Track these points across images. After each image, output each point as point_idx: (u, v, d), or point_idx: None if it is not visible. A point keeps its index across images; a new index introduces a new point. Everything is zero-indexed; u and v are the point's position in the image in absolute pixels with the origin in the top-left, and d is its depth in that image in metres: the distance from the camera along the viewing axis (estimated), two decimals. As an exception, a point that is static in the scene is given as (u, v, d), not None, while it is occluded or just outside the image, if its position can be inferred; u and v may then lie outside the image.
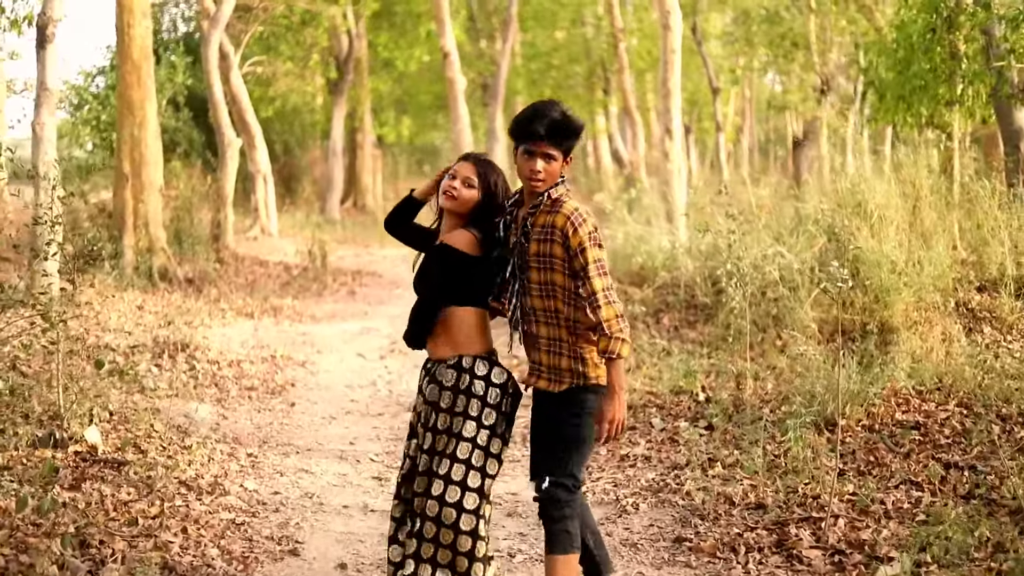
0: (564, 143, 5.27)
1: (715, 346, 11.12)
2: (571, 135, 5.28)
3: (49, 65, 13.97)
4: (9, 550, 5.85)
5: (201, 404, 9.99)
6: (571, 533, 5.25)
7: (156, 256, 17.64)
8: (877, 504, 6.91)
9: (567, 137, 5.27)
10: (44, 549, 5.79)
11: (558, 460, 5.27)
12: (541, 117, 5.23)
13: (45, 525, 6.25)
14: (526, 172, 5.26)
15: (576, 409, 5.26)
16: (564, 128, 5.25)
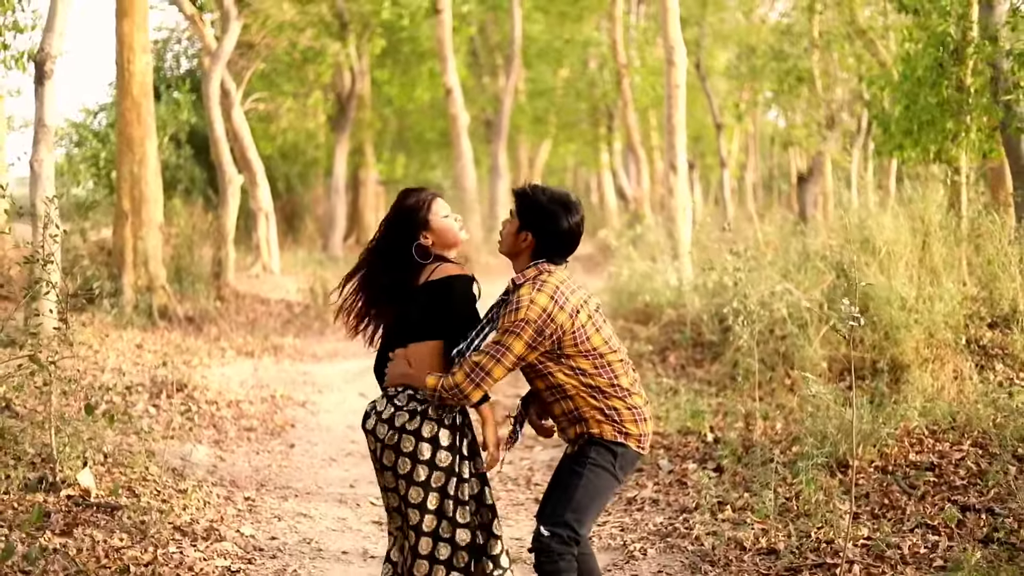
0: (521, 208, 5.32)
1: (723, 385, 10.95)
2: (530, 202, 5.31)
3: (47, 102, 13.85)
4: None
5: (198, 446, 9.78)
6: None
7: (156, 294, 17.49)
8: (893, 549, 6.70)
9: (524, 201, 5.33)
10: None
11: (555, 508, 5.21)
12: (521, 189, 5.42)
13: (34, 573, 6.06)
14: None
15: (581, 460, 5.22)
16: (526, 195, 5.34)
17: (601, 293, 16.15)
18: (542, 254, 5.25)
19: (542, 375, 5.20)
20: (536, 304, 5.08)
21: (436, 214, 5.38)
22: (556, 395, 5.23)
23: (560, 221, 5.24)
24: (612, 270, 17.32)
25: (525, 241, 5.26)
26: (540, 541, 5.16)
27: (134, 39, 18.10)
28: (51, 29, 13.95)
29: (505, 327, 5.07)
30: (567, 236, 5.28)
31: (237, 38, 22.58)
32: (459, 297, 5.27)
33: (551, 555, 5.13)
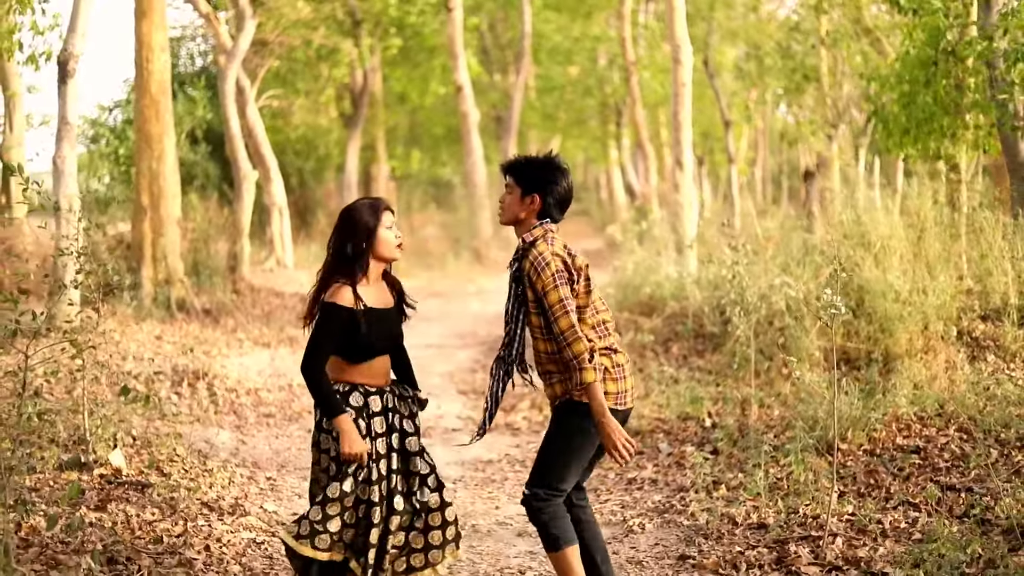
0: (520, 179, 5.77)
1: (723, 374, 11.36)
2: (529, 169, 5.78)
3: (70, 100, 14.32)
4: (40, 566, 6.11)
5: (221, 430, 10.27)
6: (553, 534, 5.66)
7: (174, 287, 17.91)
8: (875, 524, 7.14)
9: (524, 170, 5.79)
10: (73, 565, 6.03)
11: (537, 469, 5.75)
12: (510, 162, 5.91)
13: (74, 543, 6.52)
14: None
15: (558, 425, 5.71)
16: (522, 163, 5.82)
17: (606, 286, 16.58)
18: (545, 214, 5.73)
19: (542, 336, 5.65)
20: (556, 255, 5.57)
21: (383, 224, 5.82)
22: (551, 357, 5.66)
23: (561, 180, 5.76)
24: (617, 264, 17.73)
25: (532, 204, 5.72)
26: (524, 499, 5.74)
27: (152, 38, 18.50)
28: (74, 30, 14.41)
29: (548, 286, 5.50)
30: (567, 193, 5.81)
31: (252, 36, 23.00)
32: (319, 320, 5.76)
33: (533, 510, 5.68)
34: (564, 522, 5.69)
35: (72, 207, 12.10)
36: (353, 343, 5.65)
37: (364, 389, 5.73)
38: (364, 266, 5.75)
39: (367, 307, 5.68)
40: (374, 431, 5.69)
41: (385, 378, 5.85)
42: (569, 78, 38.30)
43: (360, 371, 5.75)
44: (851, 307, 11.23)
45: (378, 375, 5.80)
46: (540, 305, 5.58)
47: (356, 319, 5.62)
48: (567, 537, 5.67)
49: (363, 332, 5.64)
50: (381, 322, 5.74)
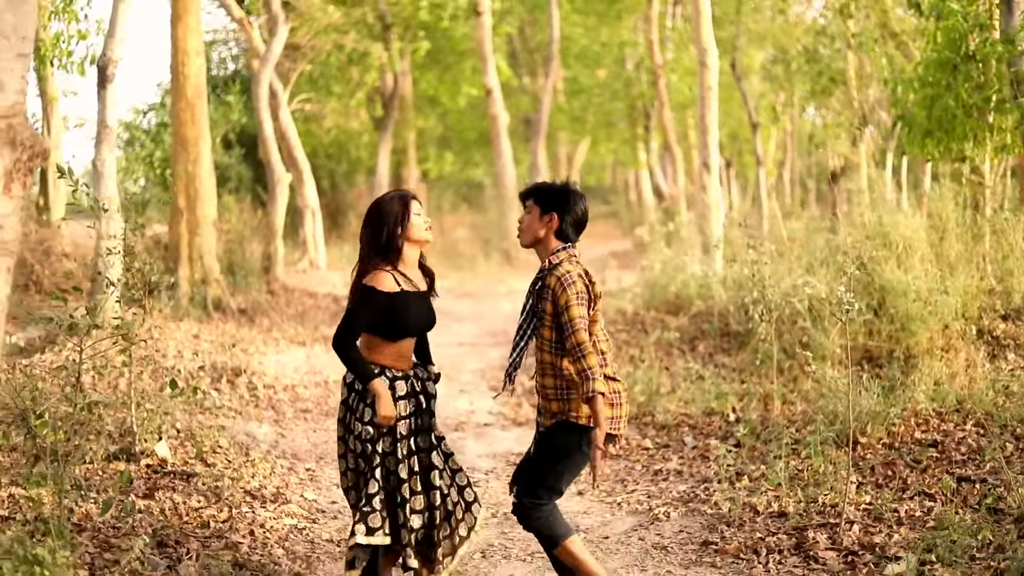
0: (539, 201, 6.16)
1: (748, 371, 11.62)
2: (547, 190, 6.19)
3: (109, 104, 14.68)
4: (94, 548, 6.44)
5: (261, 424, 10.62)
6: (546, 533, 6.06)
7: (210, 287, 18.26)
8: (891, 512, 7.42)
9: (542, 192, 6.19)
10: (126, 548, 6.35)
11: (530, 481, 6.11)
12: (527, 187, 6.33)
13: (125, 528, 6.85)
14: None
15: (553, 441, 6.08)
16: (540, 186, 6.23)
17: (634, 286, 16.87)
18: (562, 234, 6.09)
19: (551, 349, 6.02)
20: (580, 276, 5.94)
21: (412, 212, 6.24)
22: (555, 371, 6.02)
23: (578, 201, 6.13)
24: (644, 264, 18.00)
25: (550, 223, 6.08)
26: (514, 506, 6.16)
27: (188, 43, 18.87)
28: (113, 35, 14.77)
29: (571, 302, 5.85)
30: (583, 216, 6.17)
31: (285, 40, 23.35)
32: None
33: (524, 516, 6.10)
34: (556, 520, 6.08)
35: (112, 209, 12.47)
36: (391, 324, 6.06)
37: (391, 373, 6.11)
38: (399, 250, 6.13)
39: (404, 291, 6.07)
40: (399, 413, 6.06)
41: (409, 362, 6.25)
42: (597, 81, 38.50)
43: (389, 353, 6.15)
44: (873, 307, 11.50)
45: (404, 358, 6.20)
46: (556, 319, 5.94)
47: (394, 302, 6.02)
48: (563, 532, 6.06)
49: (400, 314, 6.05)
50: (416, 305, 6.14)
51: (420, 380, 6.26)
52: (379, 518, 5.95)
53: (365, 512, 5.95)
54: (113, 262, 10.32)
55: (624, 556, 7.27)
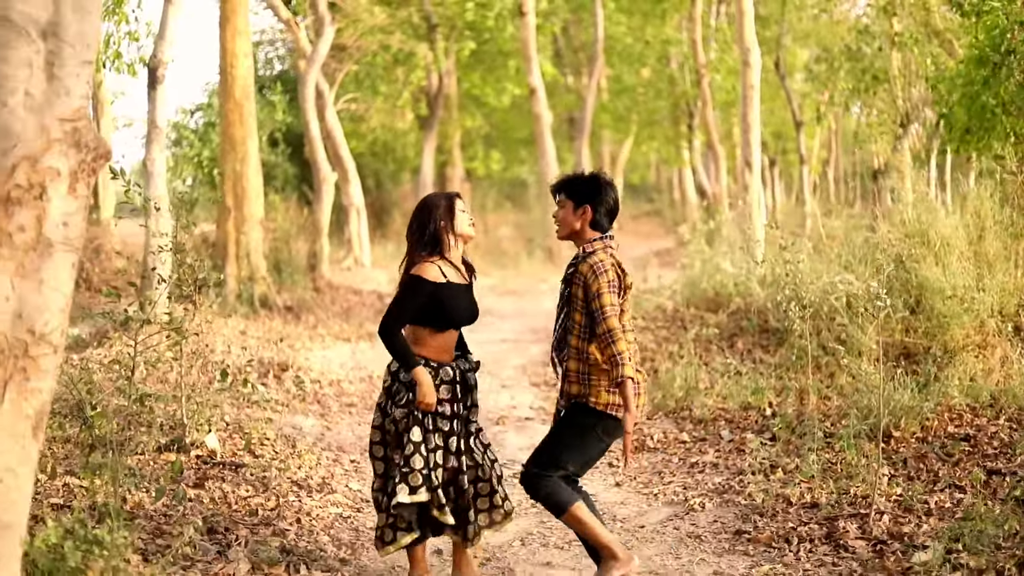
0: (571, 193, 6.42)
1: (785, 367, 11.78)
2: (579, 183, 6.45)
3: (159, 104, 14.99)
4: (147, 534, 6.70)
5: (307, 417, 10.89)
6: (555, 501, 6.29)
7: (257, 284, 18.57)
8: (920, 504, 7.60)
9: (573, 185, 6.45)
10: (177, 534, 6.60)
11: (539, 453, 6.40)
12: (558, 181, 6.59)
13: (176, 515, 7.11)
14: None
15: (571, 420, 6.32)
16: (571, 179, 6.50)
17: (674, 283, 17.05)
18: (597, 224, 6.35)
19: (579, 334, 6.27)
20: (613, 266, 6.21)
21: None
22: (580, 355, 6.27)
23: (609, 191, 6.39)
24: (685, 261, 18.18)
25: (584, 215, 6.34)
26: (522, 477, 6.42)
27: (236, 45, 19.19)
28: (163, 37, 15.09)
29: (603, 290, 6.11)
30: (615, 204, 6.42)
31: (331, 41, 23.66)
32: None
33: (530, 487, 6.34)
34: (561, 488, 6.29)
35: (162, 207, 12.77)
36: (437, 313, 6.33)
37: (433, 364, 6.39)
38: (446, 243, 6.43)
39: (449, 281, 6.36)
40: (440, 397, 6.36)
41: (450, 354, 6.52)
42: (641, 80, 38.65)
43: (434, 345, 6.44)
44: (910, 304, 11.63)
45: (445, 350, 6.49)
46: (587, 305, 6.19)
47: (440, 292, 6.31)
48: (568, 499, 6.27)
49: (447, 304, 6.33)
50: (460, 297, 6.42)
51: (460, 370, 6.52)
52: (419, 476, 6.24)
53: (405, 472, 6.25)
54: (165, 259, 10.60)
55: (659, 544, 7.47)
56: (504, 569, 6.98)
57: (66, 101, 4.11)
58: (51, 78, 4.08)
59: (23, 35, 4.04)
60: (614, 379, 6.02)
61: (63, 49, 4.10)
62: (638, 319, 15.56)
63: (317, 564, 6.78)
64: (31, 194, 4.01)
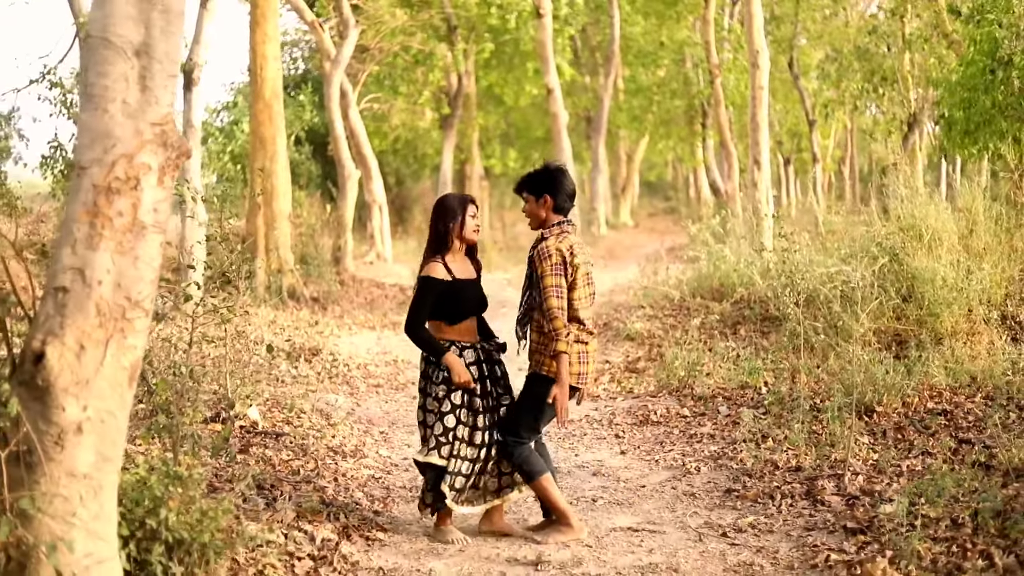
0: (532, 190, 7.37)
1: (782, 350, 12.59)
2: (535, 178, 7.40)
3: (195, 105, 15.87)
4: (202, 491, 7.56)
5: (338, 396, 11.78)
6: (527, 470, 7.26)
7: (285, 277, 19.43)
8: (893, 467, 8.43)
9: (531, 181, 7.41)
10: (229, 490, 7.46)
11: (510, 421, 7.34)
12: (518, 182, 7.55)
13: (226, 475, 7.98)
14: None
15: (531, 389, 7.28)
16: (527, 177, 7.47)
17: (681, 274, 17.90)
18: (559, 209, 7.30)
19: (539, 308, 7.21)
20: (559, 250, 7.13)
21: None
22: (539, 327, 7.23)
23: (562, 178, 7.34)
24: (691, 254, 18.98)
25: (546, 204, 7.30)
26: (500, 446, 7.30)
27: (266, 48, 20.07)
28: (198, 41, 16.00)
29: (546, 272, 7.07)
30: (572, 187, 7.37)
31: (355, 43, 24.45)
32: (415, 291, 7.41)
33: (509, 453, 7.27)
34: (534, 458, 7.29)
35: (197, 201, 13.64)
36: (450, 307, 7.26)
37: (460, 345, 7.26)
38: (451, 242, 7.33)
39: (456, 278, 7.25)
40: (472, 376, 7.22)
41: (473, 336, 7.43)
42: (657, 80, 39.33)
43: (454, 331, 7.34)
44: (902, 293, 12.43)
45: (468, 333, 7.39)
46: (537, 285, 7.16)
47: (450, 288, 7.22)
48: (540, 468, 7.27)
49: (457, 298, 7.24)
50: (467, 290, 7.32)
51: (486, 350, 7.41)
52: (448, 449, 7.19)
53: (441, 442, 7.19)
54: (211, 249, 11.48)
55: (657, 501, 8.33)
56: (520, 519, 7.85)
57: (156, 108, 4.98)
58: (143, 89, 4.95)
59: (121, 54, 4.91)
60: (549, 351, 7.05)
61: (153, 65, 4.97)
62: (646, 308, 16.43)
63: (354, 514, 7.67)
64: (128, 185, 4.88)
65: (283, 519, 7.06)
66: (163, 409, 7.96)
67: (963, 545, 6.57)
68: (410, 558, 6.98)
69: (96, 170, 4.85)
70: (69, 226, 4.86)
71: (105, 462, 4.93)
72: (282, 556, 6.42)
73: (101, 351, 4.83)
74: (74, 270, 4.82)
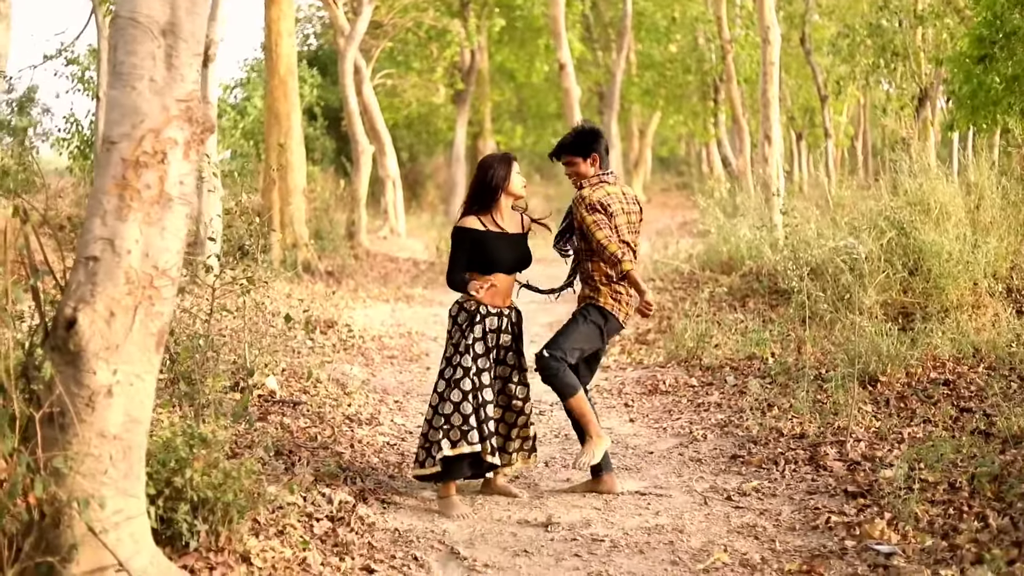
0: (577, 150, 7.76)
1: (789, 322, 12.79)
2: (579, 140, 7.78)
3: (211, 82, 16.05)
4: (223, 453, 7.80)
5: (353, 366, 12.02)
6: (566, 383, 7.52)
7: (300, 251, 19.65)
8: (895, 435, 8.65)
9: (576, 143, 7.77)
10: (249, 455, 7.69)
11: (555, 339, 7.67)
12: (559, 143, 7.89)
13: (245, 441, 8.22)
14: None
15: (582, 314, 7.71)
16: (570, 142, 7.80)
17: (691, 247, 18.12)
18: (603, 163, 7.70)
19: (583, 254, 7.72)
20: (593, 197, 7.59)
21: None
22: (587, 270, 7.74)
23: (600, 135, 7.78)
24: (701, 227, 19.18)
25: (594, 162, 7.70)
26: (542, 359, 7.56)
27: (281, 24, 20.24)
28: (214, 18, 16.17)
29: (585, 218, 7.55)
30: (608, 145, 7.77)
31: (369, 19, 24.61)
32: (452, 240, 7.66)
33: (550, 367, 7.52)
34: (570, 375, 7.56)
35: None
36: (480, 258, 7.49)
37: (485, 309, 7.53)
38: (497, 198, 7.58)
39: (489, 230, 7.50)
40: (490, 343, 7.51)
41: (506, 298, 7.66)
42: (670, 55, 39.35)
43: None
44: (909, 266, 12.60)
45: (499, 295, 7.59)
46: (582, 231, 7.62)
47: (481, 238, 7.45)
48: (576, 384, 7.56)
49: (486, 248, 7.48)
50: (501, 244, 7.51)
51: (510, 320, 7.65)
52: (458, 432, 7.32)
53: (446, 430, 7.37)
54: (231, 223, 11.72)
55: (664, 466, 8.57)
56: (530, 484, 8.09)
57: (182, 86, 5.20)
58: (170, 67, 5.17)
59: (148, 33, 5.13)
60: (618, 275, 7.46)
61: (179, 44, 5.18)
62: (656, 280, 16.64)
63: (370, 478, 7.93)
64: (155, 159, 5.10)
65: (302, 482, 7.29)
66: (184, 377, 8.21)
67: (959, 507, 6.80)
68: (424, 520, 7.24)
69: (125, 144, 5.07)
70: (99, 198, 5.08)
71: (134, 424, 5.16)
72: (301, 517, 6.67)
73: (130, 317, 5.06)
74: (104, 240, 5.04)
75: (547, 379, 7.57)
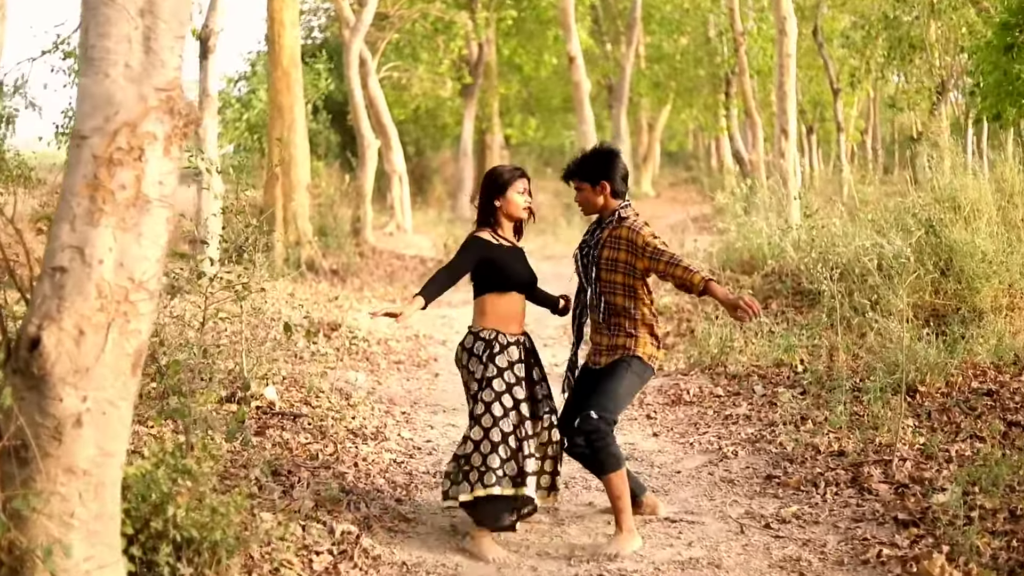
0: (585, 176, 6.95)
1: (817, 327, 12.19)
2: (588, 165, 6.97)
3: (211, 74, 15.48)
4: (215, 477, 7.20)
5: (358, 373, 11.40)
6: (615, 455, 6.67)
7: (304, 249, 19.09)
8: (942, 452, 8.03)
9: (584, 168, 6.97)
10: (244, 476, 7.10)
11: (606, 400, 6.74)
12: (568, 166, 7.09)
13: (241, 459, 7.61)
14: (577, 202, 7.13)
15: (626, 368, 6.80)
16: (579, 164, 7.01)
17: (711, 246, 17.47)
18: (616, 194, 6.90)
19: (623, 293, 6.82)
20: (640, 221, 6.83)
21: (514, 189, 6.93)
22: (626, 312, 6.83)
23: (616, 161, 6.92)
24: (721, 225, 18.56)
25: (604, 190, 6.88)
26: (590, 422, 6.66)
27: (284, 15, 19.68)
28: (213, 8, 15.59)
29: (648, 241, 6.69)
30: (625, 169, 6.96)
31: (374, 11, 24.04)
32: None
33: (600, 432, 6.65)
34: (617, 445, 6.77)
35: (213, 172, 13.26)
36: (497, 274, 6.75)
37: (504, 339, 6.77)
38: (496, 218, 6.86)
39: (502, 244, 6.82)
40: (516, 375, 6.74)
41: (519, 323, 6.90)
42: (680, 48, 38.84)
43: (500, 311, 6.81)
44: (940, 267, 12.01)
45: (514, 319, 6.86)
46: (630, 266, 6.74)
47: (493, 252, 6.75)
48: (622, 456, 6.76)
49: (502, 263, 6.76)
50: (514, 258, 6.83)
51: (528, 348, 6.94)
52: (493, 476, 6.57)
53: (481, 472, 6.59)
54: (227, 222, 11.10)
55: (694, 488, 7.94)
56: (549, 508, 7.44)
57: (162, 72, 4.57)
58: (148, 51, 4.55)
59: (123, 13, 4.51)
60: (697, 286, 6.55)
61: (158, 25, 4.56)
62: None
63: (375, 503, 7.29)
64: (131, 156, 4.48)
65: (300, 509, 6.67)
66: (175, 391, 7.61)
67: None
68: (435, 551, 6.60)
69: (97, 140, 4.45)
70: (68, 200, 4.47)
71: (106, 457, 4.55)
72: (299, 551, 6.04)
73: (102, 337, 4.44)
74: (73, 248, 4.43)
75: (592, 446, 6.70)
